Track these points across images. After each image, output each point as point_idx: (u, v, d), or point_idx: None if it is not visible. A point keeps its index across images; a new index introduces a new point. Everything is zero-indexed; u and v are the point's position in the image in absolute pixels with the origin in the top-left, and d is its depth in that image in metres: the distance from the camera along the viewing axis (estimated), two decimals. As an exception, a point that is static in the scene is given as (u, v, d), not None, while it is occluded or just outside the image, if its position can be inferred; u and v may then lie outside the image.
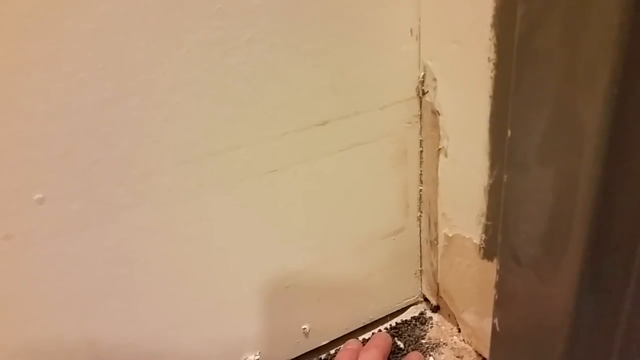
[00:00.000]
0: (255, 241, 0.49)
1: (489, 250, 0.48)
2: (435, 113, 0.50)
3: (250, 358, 0.54)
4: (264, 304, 0.52)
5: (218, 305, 0.50)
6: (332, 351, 0.59)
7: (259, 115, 0.44)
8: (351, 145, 0.51)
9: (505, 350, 0.45)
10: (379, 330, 0.61)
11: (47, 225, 0.39)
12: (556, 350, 0.39)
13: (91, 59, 0.36)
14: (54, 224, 0.39)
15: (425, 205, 0.57)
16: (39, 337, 0.42)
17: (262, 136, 0.45)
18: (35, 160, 0.37)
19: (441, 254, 0.56)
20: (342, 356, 0.53)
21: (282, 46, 0.43)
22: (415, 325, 0.61)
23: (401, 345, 0.58)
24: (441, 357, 0.56)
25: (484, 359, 0.55)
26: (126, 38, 0.37)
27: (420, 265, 0.62)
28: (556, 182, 0.36)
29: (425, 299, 0.63)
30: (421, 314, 0.62)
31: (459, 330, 0.58)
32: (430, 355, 0.56)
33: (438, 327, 0.60)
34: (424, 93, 0.51)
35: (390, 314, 0.63)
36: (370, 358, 0.52)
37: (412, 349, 0.57)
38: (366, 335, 0.60)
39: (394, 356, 0.56)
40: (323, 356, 0.58)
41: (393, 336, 0.59)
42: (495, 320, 0.45)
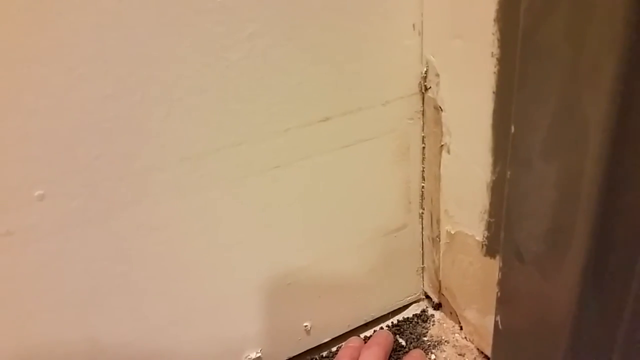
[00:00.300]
0: (257, 238, 0.49)
1: (492, 247, 0.48)
2: (438, 109, 0.50)
3: (252, 355, 0.54)
4: (265, 301, 0.52)
5: (219, 303, 0.50)
6: (334, 349, 0.58)
7: (261, 111, 0.44)
8: (354, 142, 0.51)
9: (508, 348, 0.45)
10: (381, 328, 0.61)
11: (48, 222, 0.39)
12: (559, 348, 0.39)
13: (92, 53, 0.36)
14: (55, 220, 0.39)
15: (428, 202, 0.56)
16: (40, 334, 0.42)
17: (265, 132, 0.45)
18: (35, 156, 0.37)
19: (443, 251, 0.56)
20: (344, 354, 0.53)
21: (284, 41, 0.42)
22: (417, 323, 0.61)
23: (403, 343, 0.58)
24: (443, 355, 0.56)
25: (486, 357, 0.54)
26: (127, 32, 0.37)
27: (422, 263, 0.61)
28: (560, 178, 0.36)
29: (427, 297, 0.63)
30: (423, 311, 0.62)
31: (461, 328, 0.58)
32: (432, 352, 0.56)
33: (440, 325, 0.60)
34: (427, 89, 0.50)
35: (392, 312, 0.63)
36: (372, 355, 0.52)
37: (414, 347, 0.57)
38: (368, 333, 0.60)
39: (395, 354, 0.56)
40: (324, 353, 0.58)
41: (395, 334, 0.59)
42: (498, 317, 0.45)
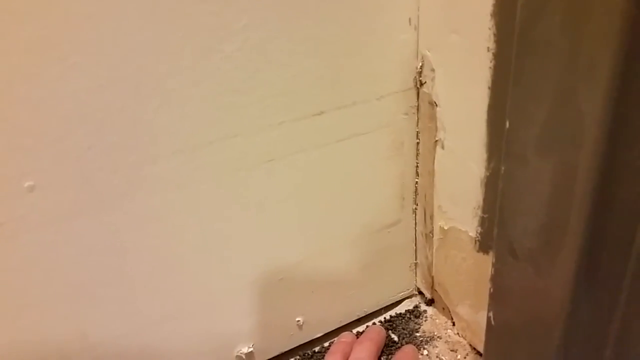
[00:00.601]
0: (250, 232, 0.49)
1: (485, 243, 0.48)
2: (433, 104, 0.50)
3: (244, 350, 0.53)
4: (257, 296, 0.52)
5: (211, 297, 0.49)
6: (326, 344, 0.58)
7: (256, 104, 0.44)
8: (348, 136, 0.50)
9: (500, 344, 0.45)
10: (373, 323, 0.61)
11: (38, 213, 0.39)
12: (552, 344, 0.39)
13: (85, 43, 0.36)
14: (46, 212, 0.39)
15: (421, 197, 0.56)
16: (30, 328, 0.42)
17: (259, 125, 0.45)
18: (26, 146, 0.37)
19: (436, 247, 0.56)
20: (336, 349, 0.53)
21: (279, 34, 0.42)
22: (409, 319, 0.61)
23: (395, 339, 0.58)
24: (435, 351, 0.56)
25: (478, 353, 0.54)
26: (120, 23, 0.36)
27: (415, 258, 0.61)
28: (555, 174, 0.36)
29: (420, 292, 0.63)
30: (415, 307, 0.62)
31: (453, 324, 0.58)
32: (424, 348, 0.56)
33: (432, 321, 0.60)
34: (422, 84, 0.50)
35: (385, 307, 0.63)
36: (364, 350, 0.52)
37: (406, 342, 0.57)
38: (360, 328, 0.60)
39: (388, 349, 0.56)
40: (317, 349, 0.58)
41: (387, 329, 0.59)
42: (490, 313, 0.45)
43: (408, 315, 0.61)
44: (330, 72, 0.46)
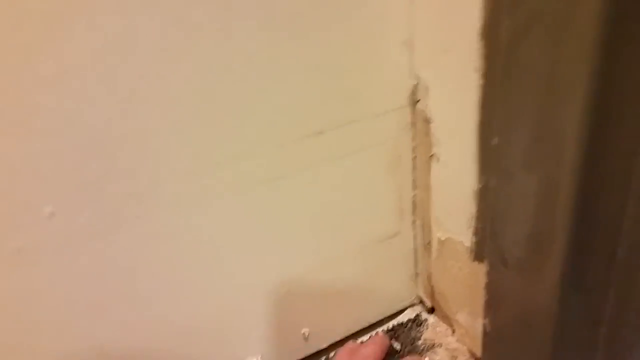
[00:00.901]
0: (257, 247, 0.51)
1: (479, 253, 0.50)
2: (427, 121, 0.52)
3: (252, 361, 0.55)
4: (264, 309, 0.54)
5: (221, 311, 0.51)
6: (332, 354, 0.60)
7: (260, 126, 0.46)
8: (347, 153, 0.53)
9: (496, 350, 0.47)
10: (376, 333, 0.62)
11: (57, 237, 0.40)
12: (543, 348, 0.41)
13: (98, 77, 0.38)
14: (64, 235, 0.41)
15: (419, 209, 0.58)
16: (50, 348, 0.43)
17: (261, 146, 0.47)
18: (46, 175, 0.39)
19: (435, 257, 0.58)
20: (341, 356, 0.55)
21: (282, 58, 0.45)
22: (411, 327, 0.62)
23: (397, 347, 0.60)
24: (436, 358, 0.58)
25: (477, 359, 0.56)
26: (130, 57, 0.39)
27: (416, 268, 0.63)
28: (539, 188, 0.38)
29: (421, 301, 0.65)
30: (417, 315, 0.64)
31: (454, 331, 0.60)
32: (425, 355, 0.58)
33: (433, 329, 0.62)
34: (417, 101, 0.52)
35: (388, 317, 0.64)
36: (369, 350, 0.54)
37: (408, 351, 0.59)
38: (364, 338, 0.62)
39: (390, 358, 0.58)
40: (322, 359, 0.60)
41: (390, 338, 0.60)
42: (486, 320, 0.47)
43: (410, 324, 0.63)
44: (329, 94, 0.48)
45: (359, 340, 0.61)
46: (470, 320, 0.55)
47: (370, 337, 0.61)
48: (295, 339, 0.58)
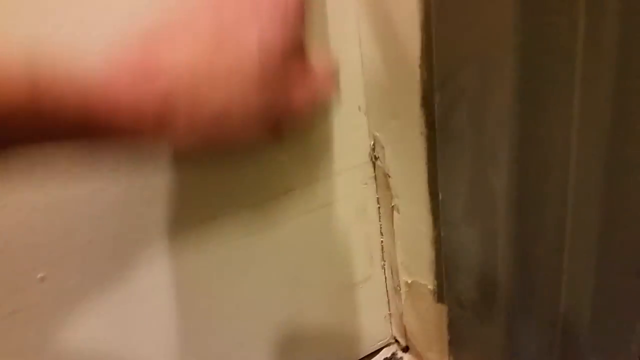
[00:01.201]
0: (235, 297, 0.55)
1: (440, 295, 0.54)
2: (387, 175, 0.57)
3: (237, 407, 0.58)
4: (244, 355, 0.58)
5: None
6: (313, 397, 0.63)
7: (235, 187, 0.51)
8: (317, 207, 0.57)
9: (461, 385, 0.51)
10: (355, 372, 0.66)
11: (49, 300, 0.44)
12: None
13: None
14: (55, 298, 0.44)
15: (387, 255, 0.63)
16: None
17: (236, 206, 0.52)
18: (38, 244, 0.43)
19: (404, 299, 0.62)
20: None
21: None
22: (388, 366, 0.66)
23: (375, 386, 0.63)
24: (412, 394, 0.61)
25: (450, 394, 0.60)
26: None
27: (389, 309, 0.67)
28: (481, 238, 0.42)
29: (396, 340, 0.69)
30: (393, 354, 0.67)
31: (427, 368, 0.63)
32: (402, 392, 0.62)
33: (409, 366, 0.65)
34: (376, 158, 0.58)
35: (367, 356, 0.68)
36: None
37: (386, 389, 0.62)
38: (344, 379, 0.65)
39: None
40: (304, 402, 0.63)
41: (368, 377, 0.64)
42: (451, 358, 0.51)
43: (386, 363, 0.67)
44: (298, 158, 0.54)
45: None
46: (439, 358, 0.59)
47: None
48: (279, 384, 0.61)
